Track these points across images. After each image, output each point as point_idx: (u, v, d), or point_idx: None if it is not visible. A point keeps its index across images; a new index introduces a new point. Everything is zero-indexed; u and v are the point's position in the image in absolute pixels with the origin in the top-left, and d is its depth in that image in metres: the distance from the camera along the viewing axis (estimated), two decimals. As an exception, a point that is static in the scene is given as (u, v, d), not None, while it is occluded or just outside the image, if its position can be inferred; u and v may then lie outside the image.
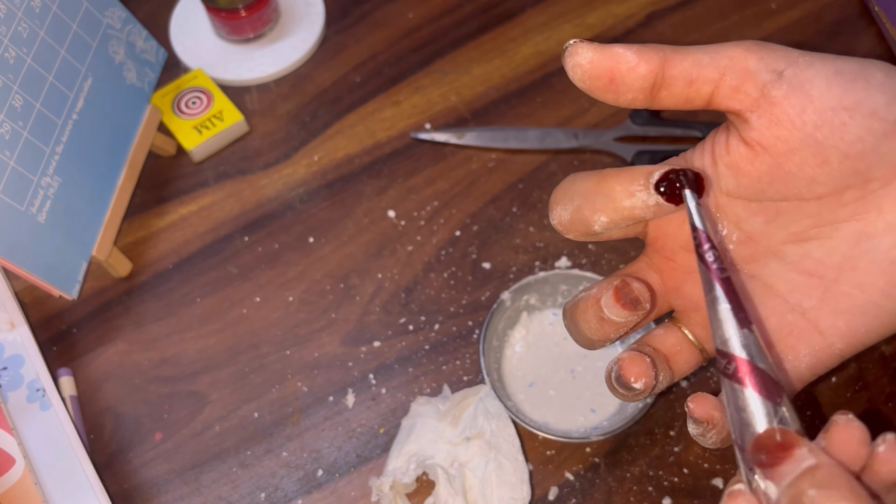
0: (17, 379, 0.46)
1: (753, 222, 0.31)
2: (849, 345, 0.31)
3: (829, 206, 0.29)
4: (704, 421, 0.31)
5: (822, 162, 0.28)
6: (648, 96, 0.28)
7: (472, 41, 0.60)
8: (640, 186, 0.29)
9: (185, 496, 0.45)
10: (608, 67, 0.28)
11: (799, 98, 0.27)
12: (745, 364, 0.26)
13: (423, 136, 0.56)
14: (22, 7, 0.45)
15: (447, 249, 0.52)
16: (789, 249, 0.31)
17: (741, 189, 0.30)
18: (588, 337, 0.33)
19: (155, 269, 0.52)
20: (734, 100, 0.28)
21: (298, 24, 0.61)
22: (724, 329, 0.27)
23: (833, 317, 0.30)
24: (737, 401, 0.26)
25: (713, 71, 0.28)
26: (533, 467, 0.44)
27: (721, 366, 0.27)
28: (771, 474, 0.24)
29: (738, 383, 0.26)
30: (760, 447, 0.24)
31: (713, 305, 0.27)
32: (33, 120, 0.46)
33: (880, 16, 0.55)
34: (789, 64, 0.27)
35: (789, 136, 0.27)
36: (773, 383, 0.26)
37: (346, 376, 0.48)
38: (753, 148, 0.28)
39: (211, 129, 0.55)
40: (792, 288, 0.31)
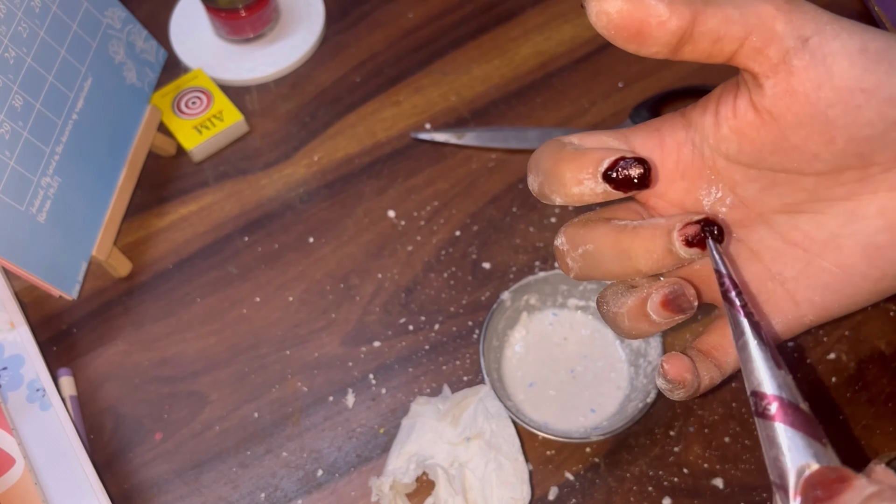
0: (17, 379, 0.46)
1: (748, 188, 0.30)
2: (819, 317, 0.31)
3: (825, 184, 0.29)
4: (676, 381, 0.31)
5: (828, 141, 0.27)
6: (673, 50, 0.28)
7: (472, 41, 0.60)
8: (588, 175, 0.28)
9: (185, 496, 0.45)
10: (637, 19, 0.26)
11: (819, 72, 0.26)
12: (789, 405, 0.26)
13: (423, 136, 0.56)
14: (22, 7, 0.45)
15: (447, 249, 0.52)
16: (780, 219, 0.31)
17: (742, 155, 0.29)
18: (627, 332, 0.32)
19: (155, 269, 0.52)
20: (755, 61, 0.27)
21: (298, 24, 0.61)
22: (760, 371, 0.26)
23: (810, 290, 0.30)
24: (779, 440, 0.25)
25: (741, 29, 0.27)
26: (533, 467, 0.44)
27: (760, 407, 0.26)
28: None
29: (785, 423, 0.25)
30: (815, 484, 0.24)
31: (746, 349, 0.27)
32: (33, 120, 0.46)
33: (880, 16, 0.55)
34: (816, 31, 0.26)
35: (801, 109, 0.27)
36: (815, 424, 0.26)
37: (346, 376, 0.48)
38: (762, 115, 0.28)
39: (211, 129, 0.55)
40: (776, 256, 0.31)
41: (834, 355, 0.47)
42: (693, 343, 0.33)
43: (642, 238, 0.29)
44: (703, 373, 0.32)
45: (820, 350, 0.47)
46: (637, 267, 0.29)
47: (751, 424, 0.45)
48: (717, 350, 0.32)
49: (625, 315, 0.31)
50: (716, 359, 0.32)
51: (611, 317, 0.32)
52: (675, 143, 0.31)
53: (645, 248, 0.29)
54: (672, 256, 0.28)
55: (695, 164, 0.31)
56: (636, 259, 0.29)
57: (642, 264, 0.29)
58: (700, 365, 0.32)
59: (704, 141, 0.30)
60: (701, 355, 0.32)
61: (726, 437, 0.45)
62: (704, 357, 0.32)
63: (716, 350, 0.32)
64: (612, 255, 0.30)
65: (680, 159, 0.31)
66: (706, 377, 0.32)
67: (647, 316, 0.30)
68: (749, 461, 0.44)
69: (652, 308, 0.30)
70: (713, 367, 0.32)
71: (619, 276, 0.30)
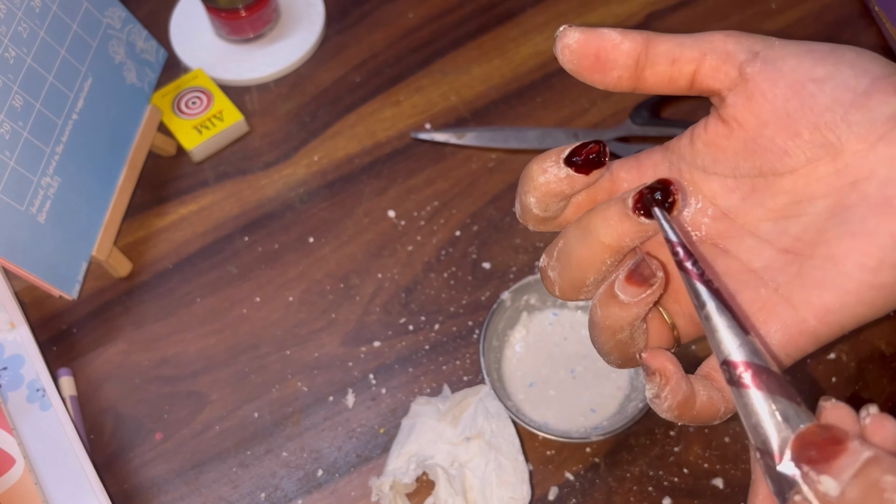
0: (17, 379, 0.46)
1: (729, 199, 0.31)
2: (823, 322, 0.30)
3: (803, 182, 0.30)
4: (658, 372, 0.30)
5: (794, 134, 0.29)
6: (633, 74, 0.30)
7: (472, 41, 0.60)
8: (551, 163, 0.31)
9: (185, 496, 0.45)
10: (594, 46, 0.30)
11: (771, 73, 0.29)
12: (762, 369, 0.26)
13: (423, 136, 0.56)
14: (22, 7, 0.45)
15: (447, 249, 0.52)
16: (766, 227, 0.31)
17: (717, 165, 0.31)
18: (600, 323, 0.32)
19: (155, 269, 0.52)
20: (715, 79, 0.29)
21: (298, 24, 0.61)
22: (727, 339, 0.26)
23: (805, 291, 0.30)
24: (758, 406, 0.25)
25: (695, 51, 0.29)
26: (533, 467, 0.44)
27: (734, 376, 0.26)
28: (827, 469, 0.23)
29: (760, 389, 0.26)
30: (807, 444, 0.24)
31: (709, 318, 0.27)
32: (33, 120, 0.46)
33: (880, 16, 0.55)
34: (766, 46, 0.29)
35: (761, 109, 0.29)
36: (788, 385, 0.26)
37: (346, 376, 0.48)
38: (729, 124, 0.30)
39: (211, 129, 0.55)
40: (767, 265, 0.31)
41: (834, 355, 0.47)
42: (696, 371, 0.32)
43: (598, 209, 0.31)
44: (701, 389, 0.31)
45: (820, 350, 0.47)
46: (599, 239, 0.30)
47: (751, 424, 0.45)
48: (717, 371, 0.32)
49: (596, 305, 0.32)
50: (716, 381, 0.31)
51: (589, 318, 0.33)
52: (652, 162, 0.33)
53: (602, 216, 0.30)
54: (629, 220, 0.29)
55: (672, 177, 0.32)
56: (596, 230, 0.30)
57: (603, 234, 0.30)
58: (698, 383, 0.31)
59: (681, 159, 0.32)
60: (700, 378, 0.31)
61: (726, 437, 0.45)
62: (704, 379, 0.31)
63: (715, 371, 0.32)
64: (577, 236, 0.31)
65: (657, 173, 0.32)
66: (703, 394, 0.31)
67: (616, 297, 0.31)
68: (749, 461, 0.44)
69: (619, 287, 0.30)
70: (713, 387, 0.31)
71: (587, 259, 0.31)
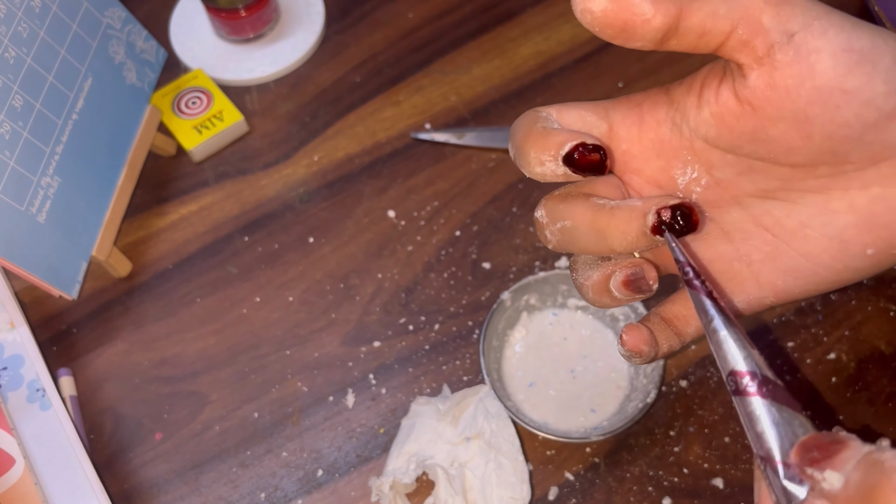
0: (17, 379, 0.46)
1: (725, 171, 0.31)
2: (779, 300, 0.32)
3: (800, 175, 0.30)
4: (634, 352, 0.32)
5: (806, 136, 0.28)
6: (658, 44, 0.28)
7: (472, 41, 0.60)
8: (549, 157, 0.29)
9: (185, 496, 0.45)
10: (622, 18, 0.27)
11: (801, 69, 0.27)
12: (767, 380, 0.26)
13: (423, 136, 0.56)
14: (22, 7, 0.45)
15: (447, 249, 0.52)
16: (753, 202, 0.31)
17: (720, 140, 0.30)
18: (591, 302, 0.33)
19: (155, 269, 0.52)
20: (741, 53, 0.27)
21: (298, 24, 0.61)
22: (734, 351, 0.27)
23: (774, 274, 0.32)
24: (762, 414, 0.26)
25: (727, 23, 0.27)
26: (533, 467, 0.44)
27: (740, 386, 0.26)
28: (829, 465, 0.23)
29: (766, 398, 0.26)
30: (810, 447, 0.24)
31: (716, 332, 0.27)
32: (33, 120, 0.46)
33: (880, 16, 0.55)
34: (803, 26, 0.26)
35: (781, 104, 0.27)
36: (792, 398, 0.26)
37: (346, 376, 0.48)
38: (743, 105, 0.28)
39: (211, 129, 0.55)
40: (745, 238, 0.32)
41: (834, 355, 0.47)
42: (657, 310, 0.34)
43: (618, 220, 0.30)
44: (663, 340, 0.33)
45: (820, 350, 0.47)
46: (611, 247, 0.30)
47: (751, 424, 0.45)
48: (679, 320, 0.33)
49: (589, 287, 0.32)
50: (677, 328, 0.33)
51: (577, 285, 0.33)
52: (655, 120, 0.31)
53: (620, 229, 0.30)
54: (645, 239, 0.29)
55: (672, 142, 0.31)
56: (611, 240, 0.30)
57: (617, 245, 0.30)
58: (660, 333, 0.33)
59: (684, 122, 0.30)
60: (663, 323, 0.33)
61: (726, 437, 0.45)
62: (666, 325, 0.33)
63: (678, 319, 0.33)
64: (588, 233, 0.31)
65: (657, 137, 0.31)
66: (665, 345, 0.33)
67: (610, 292, 0.31)
68: (749, 461, 0.44)
69: (614, 285, 0.31)
70: (673, 335, 0.33)
71: (594, 252, 0.31)
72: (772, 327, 0.48)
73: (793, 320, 0.48)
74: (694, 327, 0.33)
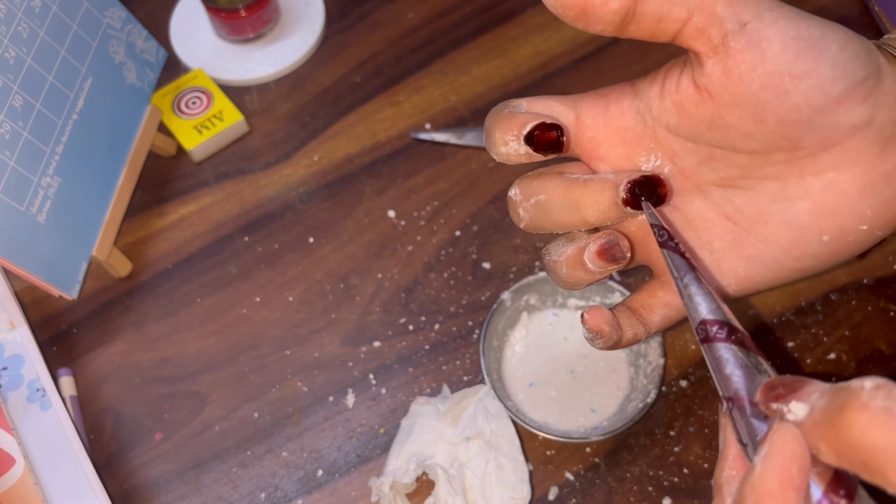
0: (17, 379, 0.46)
1: (686, 160, 0.32)
2: (741, 289, 0.34)
3: (758, 162, 0.31)
4: (595, 331, 0.33)
5: (760, 122, 0.29)
6: (617, 29, 0.29)
7: (472, 41, 0.60)
8: (512, 137, 0.31)
9: (185, 496, 0.45)
10: (582, 1, 0.29)
11: (753, 55, 0.28)
12: (735, 329, 0.28)
13: (423, 136, 0.56)
14: (22, 7, 0.45)
15: (447, 249, 0.52)
16: (715, 191, 0.33)
17: (681, 128, 0.31)
18: (564, 280, 0.34)
19: (155, 269, 0.52)
20: (697, 41, 0.29)
21: (298, 24, 0.61)
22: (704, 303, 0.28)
23: (735, 262, 0.33)
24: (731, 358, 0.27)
25: (682, 10, 0.28)
26: (533, 467, 0.44)
27: (710, 334, 0.28)
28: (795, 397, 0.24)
29: (735, 343, 0.27)
30: (775, 385, 0.25)
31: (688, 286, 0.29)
32: (33, 120, 0.46)
33: (880, 16, 0.55)
34: (755, 16, 0.28)
35: (735, 89, 0.29)
36: (757, 347, 0.28)
37: (346, 376, 0.48)
38: (701, 93, 0.30)
39: (211, 129, 0.55)
40: (708, 227, 0.33)
41: (834, 355, 0.47)
42: (624, 301, 0.36)
43: (591, 190, 0.31)
44: (628, 328, 0.34)
45: (820, 350, 0.47)
46: (585, 217, 0.31)
47: (751, 424, 0.45)
48: (645, 309, 0.35)
49: (563, 263, 0.33)
50: (642, 317, 0.35)
51: (551, 266, 0.34)
52: (620, 110, 0.32)
53: (594, 199, 0.31)
54: (618, 209, 0.31)
55: (636, 131, 0.32)
56: (584, 210, 0.31)
57: (590, 215, 0.31)
58: (626, 321, 0.34)
59: (648, 111, 0.32)
60: (629, 311, 0.35)
61: (726, 437, 0.45)
62: (632, 314, 0.35)
63: (643, 308, 0.35)
64: (562, 205, 0.32)
65: (622, 125, 0.32)
66: (630, 332, 0.34)
67: (584, 264, 0.32)
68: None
69: (588, 257, 0.32)
70: (639, 323, 0.35)
71: (567, 226, 0.32)
72: (772, 327, 0.48)
73: (793, 320, 0.48)
74: (659, 315, 0.35)
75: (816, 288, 0.49)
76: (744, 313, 0.48)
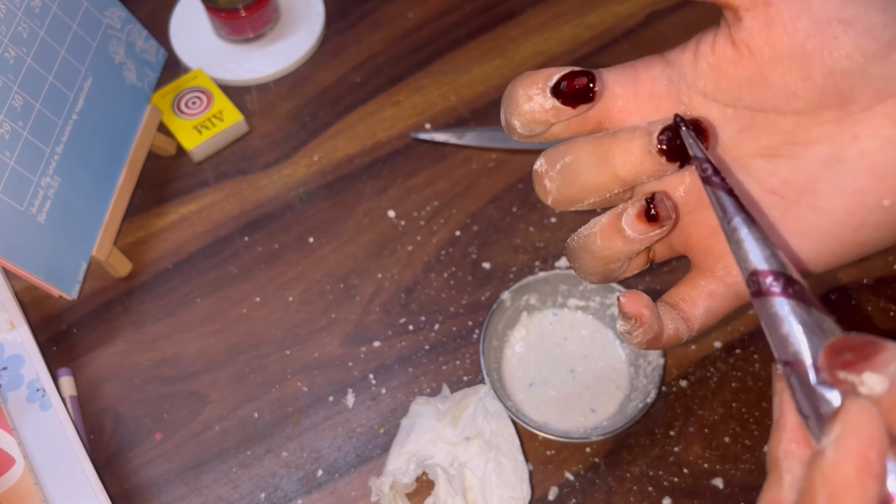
0: (17, 379, 0.46)
1: (725, 129, 0.30)
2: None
3: (804, 125, 0.28)
4: (634, 317, 0.30)
5: (806, 76, 0.27)
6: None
7: (472, 41, 0.60)
8: (537, 90, 0.29)
9: (185, 496, 0.45)
10: None
11: (797, 3, 0.26)
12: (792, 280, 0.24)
13: (423, 136, 0.56)
14: (22, 7, 0.45)
15: (447, 249, 0.52)
16: (757, 164, 0.30)
17: (719, 92, 0.29)
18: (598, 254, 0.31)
19: (155, 269, 0.52)
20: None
21: (298, 24, 0.61)
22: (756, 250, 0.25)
23: (784, 237, 0.29)
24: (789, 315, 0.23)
25: None
26: (533, 467, 0.44)
27: (764, 286, 0.24)
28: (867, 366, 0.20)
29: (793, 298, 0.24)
30: (841, 349, 0.22)
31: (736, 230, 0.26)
32: (33, 120, 0.46)
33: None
34: None
35: (778, 41, 0.27)
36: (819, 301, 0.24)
37: (346, 376, 0.48)
38: (740, 50, 0.27)
39: (211, 129, 0.55)
40: (750, 206, 0.30)
41: (834, 355, 0.47)
42: (662, 296, 0.32)
43: (620, 139, 0.29)
44: (668, 322, 0.31)
45: (820, 350, 0.47)
46: (615, 171, 0.29)
47: (751, 424, 0.45)
48: (686, 302, 0.31)
49: (597, 234, 0.30)
50: (683, 311, 0.31)
51: (582, 242, 0.31)
52: (650, 77, 0.30)
53: (623, 148, 0.28)
54: (651, 159, 0.28)
55: (670, 99, 0.30)
56: (614, 161, 0.29)
57: (620, 167, 0.29)
58: (666, 315, 0.31)
59: (682, 78, 0.29)
60: (667, 307, 0.31)
61: (726, 437, 0.45)
62: (671, 308, 0.31)
63: (684, 302, 0.31)
64: (590, 161, 0.29)
65: (654, 94, 0.30)
66: (671, 327, 0.31)
67: (621, 231, 0.29)
68: (749, 461, 0.44)
69: (627, 222, 0.29)
70: (679, 318, 0.31)
71: (597, 187, 0.30)
72: (772, 327, 0.48)
73: (793, 320, 0.48)
74: (702, 308, 0.31)
75: (816, 288, 0.49)
76: (743, 313, 0.48)
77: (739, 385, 0.46)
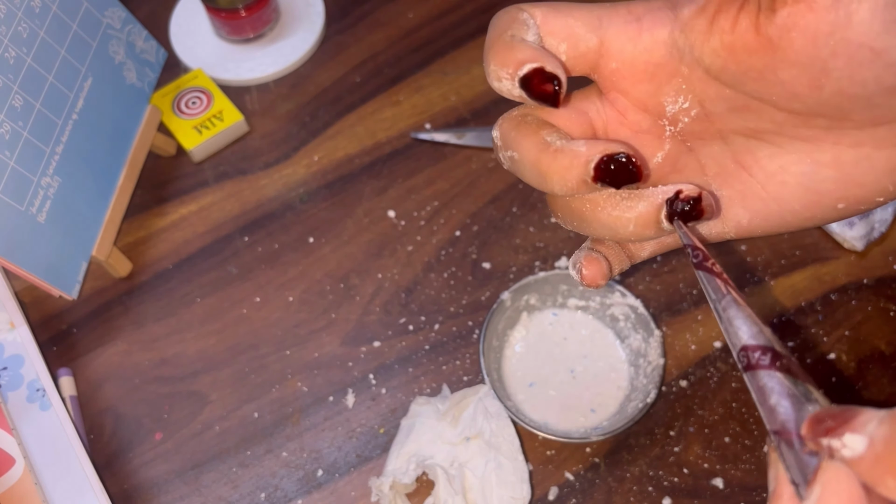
0: (17, 379, 0.46)
1: (718, 105, 0.29)
2: (738, 235, 0.31)
3: (795, 122, 0.28)
4: (591, 285, 0.31)
5: (816, 87, 0.26)
6: None
7: (472, 41, 0.60)
8: (507, 75, 0.28)
9: (185, 496, 0.45)
10: None
11: (838, 17, 0.25)
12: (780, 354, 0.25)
13: (423, 136, 0.56)
14: (22, 7, 0.45)
15: (447, 249, 0.52)
16: (737, 139, 0.30)
17: (724, 73, 0.28)
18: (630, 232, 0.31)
19: (155, 269, 0.52)
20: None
21: (298, 24, 0.61)
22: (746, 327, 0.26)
23: (741, 211, 0.30)
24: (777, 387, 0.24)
25: None
26: (533, 467, 0.44)
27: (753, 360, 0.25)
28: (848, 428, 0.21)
29: (781, 371, 0.25)
30: (823, 419, 0.23)
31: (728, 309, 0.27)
32: (33, 120, 0.46)
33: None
34: None
35: (802, 49, 0.25)
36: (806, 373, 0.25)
37: (346, 376, 0.48)
38: (761, 40, 0.26)
39: (211, 129, 0.55)
40: (719, 173, 0.31)
41: (834, 355, 0.47)
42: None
43: (559, 164, 0.28)
44: (615, 263, 0.32)
45: (820, 350, 0.47)
46: (552, 189, 0.29)
47: (751, 424, 0.45)
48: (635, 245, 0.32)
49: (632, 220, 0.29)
50: (629, 251, 0.32)
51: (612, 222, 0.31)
52: (653, 39, 0.29)
53: (560, 175, 0.28)
54: (586, 186, 0.28)
55: (668, 67, 0.29)
56: (551, 184, 0.29)
57: (557, 189, 0.29)
58: (613, 258, 0.32)
59: (688, 48, 0.28)
60: (617, 247, 0.32)
61: (726, 437, 0.45)
62: (621, 248, 0.32)
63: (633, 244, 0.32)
64: (532, 172, 0.29)
65: (653, 60, 0.29)
66: (617, 268, 0.32)
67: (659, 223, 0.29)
68: (749, 461, 0.44)
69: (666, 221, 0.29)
70: (625, 258, 0.32)
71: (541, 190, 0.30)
72: (772, 327, 0.48)
73: (793, 320, 0.48)
74: (648, 251, 0.32)
75: (816, 288, 0.49)
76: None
77: (739, 385, 0.46)
